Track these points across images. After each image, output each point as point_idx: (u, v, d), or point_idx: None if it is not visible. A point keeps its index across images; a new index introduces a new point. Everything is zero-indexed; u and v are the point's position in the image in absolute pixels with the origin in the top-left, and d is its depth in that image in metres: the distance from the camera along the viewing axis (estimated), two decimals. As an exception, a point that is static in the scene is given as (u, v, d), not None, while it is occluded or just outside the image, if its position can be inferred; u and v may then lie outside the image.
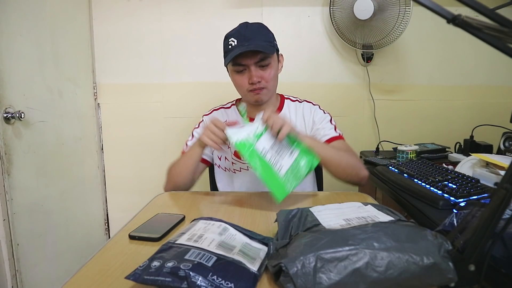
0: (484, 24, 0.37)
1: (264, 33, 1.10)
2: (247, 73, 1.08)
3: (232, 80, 1.15)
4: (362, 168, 1.08)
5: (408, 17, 1.62)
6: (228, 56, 1.06)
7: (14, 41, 1.33)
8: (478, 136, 1.50)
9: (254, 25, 1.10)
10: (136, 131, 1.95)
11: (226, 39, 1.09)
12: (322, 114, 1.20)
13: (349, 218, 0.62)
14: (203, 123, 1.24)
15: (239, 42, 1.04)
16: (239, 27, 1.09)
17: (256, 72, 1.07)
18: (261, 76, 1.08)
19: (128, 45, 1.89)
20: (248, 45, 1.03)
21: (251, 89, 1.09)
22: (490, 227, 0.44)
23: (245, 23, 1.10)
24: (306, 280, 0.46)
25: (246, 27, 1.08)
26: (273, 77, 1.11)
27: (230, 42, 1.06)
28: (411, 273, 0.46)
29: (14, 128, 1.32)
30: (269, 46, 1.07)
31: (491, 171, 1.03)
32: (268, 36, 1.10)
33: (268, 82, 1.10)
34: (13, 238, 1.29)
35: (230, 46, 1.06)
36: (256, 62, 1.06)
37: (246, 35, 1.04)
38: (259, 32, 1.08)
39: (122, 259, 0.63)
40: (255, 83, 1.07)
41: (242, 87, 1.11)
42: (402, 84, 1.91)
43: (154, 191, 1.09)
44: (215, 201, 1.02)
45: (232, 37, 1.06)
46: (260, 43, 1.05)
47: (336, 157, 1.04)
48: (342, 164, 1.04)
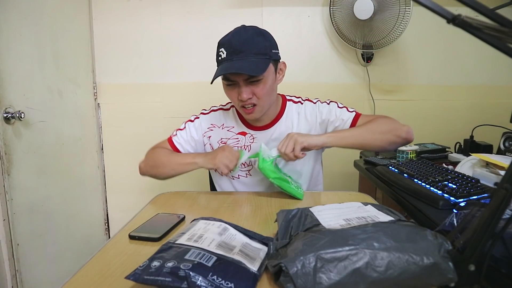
0: (484, 24, 0.37)
1: (258, 42, 0.96)
2: (237, 88, 0.99)
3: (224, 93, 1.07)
4: (398, 128, 1.02)
5: (408, 17, 1.62)
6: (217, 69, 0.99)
7: (14, 41, 1.33)
8: (478, 136, 1.50)
9: (248, 32, 0.97)
10: (136, 131, 1.95)
11: (218, 46, 1.00)
12: (327, 106, 1.13)
13: (349, 218, 0.62)
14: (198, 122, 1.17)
15: (228, 55, 0.95)
16: (232, 34, 0.99)
17: (246, 88, 0.97)
18: (252, 92, 0.98)
19: (128, 45, 1.89)
20: (237, 60, 0.94)
21: (241, 105, 1.01)
22: (490, 227, 0.44)
23: (240, 29, 1.00)
24: (306, 280, 0.46)
25: (239, 34, 0.97)
26: (266, 92, 1.00)
27: (220, 52, 0.97)
28: (411, 273, 0.46)
29: (14, 128, 1.32)
30: (261, 61, 0.96)
31: (491, 171, 1.03)
32: (262, 46, 0.97)
33: (260, 98, 0.99)
34: (13, 238, 1.29)
35: (220, 57, 0.98)
36: (246, 78, 0.96)
37: (237, 47, 0.94)
38: (252, 42, 0.95)
39: (122, 259, 0.63)
40: (245, 100, 0.99)
41: (233, 101, 1.05)
42: (402, 84, 1.91)
43: (154, 191, 1.09)
44: (215, 201, 1.02)
45: (223, 47, 0.97)
46: (250, 57, 0.94)
47: (366, 132, 1.00)
48: (377, 135, 1.00)
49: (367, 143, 1.02)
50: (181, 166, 1.07)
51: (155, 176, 1.12)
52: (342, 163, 1.82)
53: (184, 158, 1.09)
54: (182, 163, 1.08)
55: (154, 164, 1.11)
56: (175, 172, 1.09)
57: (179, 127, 1.20)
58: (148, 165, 1.13)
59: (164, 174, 1.10)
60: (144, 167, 1.14)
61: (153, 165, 1.12)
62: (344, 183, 1.91)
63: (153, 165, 1.11)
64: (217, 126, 1.17)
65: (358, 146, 1.03)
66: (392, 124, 1.04)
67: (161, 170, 1.09)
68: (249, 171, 1.13)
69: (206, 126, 1.17)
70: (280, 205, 0.94)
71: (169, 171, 1.09)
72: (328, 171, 1.46)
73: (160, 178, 1.12)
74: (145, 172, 1.14)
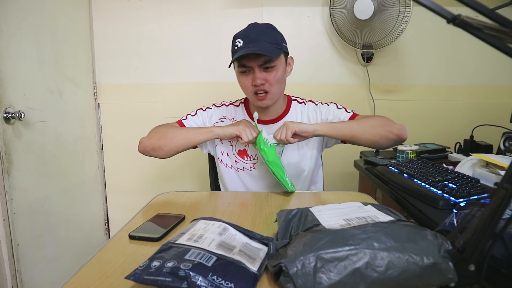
0: (484, 24, 0.37)
1: (272, 34, 1.07)
2: (251, 75, 1.07)
3: (238, 81, 1.14)
4: (392, 124, 1.06)
5: (408, 17, 1.62)
6: (233, 57, 1.06)
7: (14, 41, 1.33)
8: (478, 136, 1.50)
9: (263, 26, 1.08)
10: (136, 131, 1.94)
11: (233, 39, 1.08)
12: (326, 106, 1.19)
13: (349, 218, 0.62)
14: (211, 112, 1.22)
15: (244, 43, 1.03)
16: (247, 27, 1.08)
17: (260, 74, 1.05)
18: (265, 79, 1.06)
19: (128, 45, 1.89)
20: (253, 47, 1.02)
21: (255, 91, 1.07)
22: (490, 227, 0.44)
23: (254, 23, 1.09)
24: (306, 280, 0.46)
25: (254, 28, 1.07)
26: (278, 80, 1.08)
27: (236, 43, 1.05)
28: (411, 273, 0.46)
29: (14, 128, 1.32)
30: (275, 48, 1.05)
31: (491, 171, 1.03)
32: (275, 38, 1.07)
33: (272, 85, 1.07)
34: (13, 238, 1.29)
35: (236, 47, 1.05)
36: (260, 64, 1.04)
37: (252, 37, 1.04)
38: (266, 33, 1.06)
39: (122, 259, 0.63)
40: (258, 85, 1.06)
41: (246, 88, 1.10)
42: (402, 84, 1.91)
43: (154, 191, 1.09)
44: (216, 201, 1.02)
45: (239, 38, 1.05)
46: (265, 45, 1.03)
47: (357, 125, 1.04)
48: (368, 130, 1.03)
49: (357, 134, 1.04)
50: (194, 136, 1.08)
51: (160, 148, 1.07)
52: (342, 163, 1.82)
53: (199, 129, 1.10)
54: (196, 132, 1.08)
55: (161, 135, 1.09)
56: (186, 141, 1.07)
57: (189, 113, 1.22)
58: (153, 137, 1.09)
59: (173, 145, 1.07)
60: (147, 140, 1.10)
61: (160, 136, 1.08)
62: (344, 183, 1.91)
63: (160, 136, 1.09)
64: (227, 118, 1.22)
65: (349, 137, 1.06)
66: (385, 121, 1.08)
67: (169, 141, 1.07)
68: (254, 165, 1.17)
69: (218, 117, 1.22)
70: (280, 205, 0.95)
71: (179, 141, 1.07)
72: (328, 171, 1.46)
73: (163, 153, 1.08)
74: (147, 145, 1.09)
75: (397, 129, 1.04)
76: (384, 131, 1.04)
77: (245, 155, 1.18)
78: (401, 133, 1.05)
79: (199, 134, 1.08)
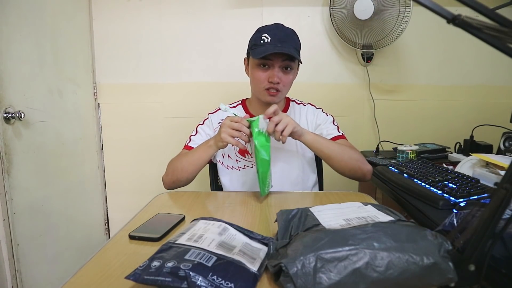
0: (484, 24, 0.37)
1: (296, 40, 1.13)
2: (270, 71, 1.10)
3: (251, 74, 1.15)
4: (365, 163, 1.10)
5: (408, 17, 1.62)
6: (258, 50, 1.07)
7: (14, 41, 1.33)
8: (478, 136, 1.50)
9: (289, 29, 1.13)
10: (136, 131, 1.96)
11: (259, 32, 1.11)
12: (325, 116, 1.24)
13: (349, 218, 0.62)
14: (209, 121, 1.23)
15: (272, 40, 1.07)
16: (274, 26, 1.12)
17: (279, 73, 1.10)
18: (281, 79, 1.10)
19: (128, 45, 1.89)
20: (282, 47, 1.05)
21: (268, 87, 1.11)
22: (490, 227, 0.44)
23: (280, 24, 1.13)
24: (306, 280, 0.46)
25: (282, 28, 1.11)
26: (290, 82, 1.15)
27: (263, 37, 1.08)
28: (411, 273, 0.46)
29: (14, 128, 1.32)
30: (297, 54, 1.11)
31: (491, 171, 1.03)
32: (298, 44, 1.13)
33: (285, 86, 1.13)
34: (13, 238, 1.29)
35: (263, 41, 1.08)
36: (281, 64, 1.09)
37: (281, 37, 1.08)
38: (292, 37, 1.11)
39: (122, 259, 0.63)
40: (275, 83, 1.09)
41: (260, 83, 1.12)
42: (402, 84, 1.91)
43: (154, 191, 1.09)
44: (216, 201, 1.02)
45: (267, 33, 1.08)
46: (291, 48, 1.08)
47: (339, 151, 1.06)
48: (344, 158, 1.06)
49: (333, 157, 1.06)
50: (198, 157, 1.08)
51: (178, 180, 1.10)
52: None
53: (198, 148, 1.10)
54: (199, 152, 1.08)
55: (174, 168, 1.11)
56: (195, 166, 1.08)
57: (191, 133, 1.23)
58: (169, 173, 1.12)
59: (186, 175, 1.09)
60: (165, 177, 1.13)
61: (173, 170, 1.11)
62: (344, 183, 1.90)
63: (173, 169, 1.11)
64: None
65: (325, 157, 1.07)
66: (361, 157, 1.11)
67: (181, 172, 1.09)
68: (253, 162, 1.18)
69: (216, 122, 1.23)
70: (280, 205, 0.95)
71: (190, 168, 1.08)
72: (328, 171, 1.46)
73: (184, 182, 1.11)
74: (167, 181, 1.12)
75: (367, 169, 1.09)
76: (356, 166, 1.08)
77: (246, 152, 1.19)
78: (368, 174, 1.10)
79: (201, 155, 1.07)
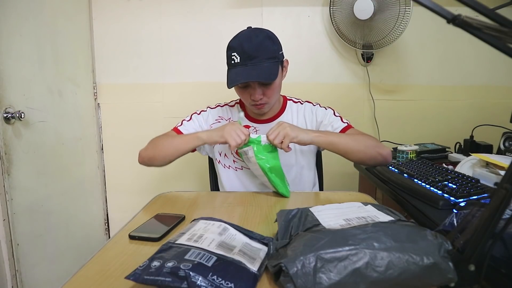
0: (484, 24, 0.37)
1: (268, 46, 1.03)
2: (249, 89, 1.07)
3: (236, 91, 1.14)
4: (381, 147, 1.08)
5: (408, 17, 1.62)
6: (229, 74, 1.05)
7: (14, 41, 1.33)
8: (478, 136, 1.50)
9: (259, 37, 1.03)
10: (136, 131, 1.95)
11: (229, 50, 1.05)
12: (324, 111, 1.20)
13: (349, 218, 0.62)
14: (206, 114, 1.23)
15: (242, 60, 1.01)
16: (242, 38, 1.03)
17: (259, 90, 1.06)
18: (264, 93, 1.07)
19: (128, 45, 1.89)
20: (251, 66, 1.00)
21: (253, 103, 1.10)
22: (490, 227, 0.44)
23: (249, 32, 1.05)
24: (306, 280, 0.46)
25: (250, 40, 1.02)
26: (275, 90, 1.10)
27: (233, 56, 1.02)
28: (411, 273, 0.46)
29: (14, 128, 1.32)
30: (273, 65, 1.03)
31: (491, 171, 1.03)
32: (272, 50, 1.04)
33: (270, 97, 1.09)
34: (13, 238, 1.29)
35: (233, 61, 1.03)
36: (259, 82, 1.05)
37: (250, 53, 1.00)
38: (263, 47, 1.02)
39: (122, 259, 0.63)
40: (257, 100, 1.07)
41: (245, 100, 1.13)
42: (402, 84, 1.91)
43: (154, 191, 1.09)
44: (215, 201, 1.02)
45: (235, 51, 1.02)
46: (263, 63, 1.01)
47: (354, 143, 1.04)
48: (361, 149, 1.04)
49: (350, 151, 1.04)
50: (182, 144, 1.07)
51: (154, 158, 1.10)
52: (342, 163, 1.80)
53: (186, 136, 1.10)
54: (184, 140, 1.08)
55: (155, 146, 1.11)
56: (175, 151, 1.08)
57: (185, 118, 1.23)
58: (149, 148, 1.12)
59: (164, 155, 1.09)
60: (144, 151, 1.13)
61: (154, 147, 1.11)
62: (344, 183, 1.91)
63: (154, 147, 1.11)
64: (224, 118, 1.23)
65: (342, 153, 1.05)
66: (377, 142, 1.10)
67: (160, 151, 1.09)
68: None
69: (214, 118, 1.23)
70: (280, 205, 0.95)
71: (170, 150, 1.08)
72: (328, 171, 1.46)
73: (159, 162, 1.10)
74: (144, 156, 1.12)
75: (386, 152, 1.07)
76: (375, 153, 1.06)
77: None
78: (388, 157, 1.08)
79: (186, 142, 1.07)
